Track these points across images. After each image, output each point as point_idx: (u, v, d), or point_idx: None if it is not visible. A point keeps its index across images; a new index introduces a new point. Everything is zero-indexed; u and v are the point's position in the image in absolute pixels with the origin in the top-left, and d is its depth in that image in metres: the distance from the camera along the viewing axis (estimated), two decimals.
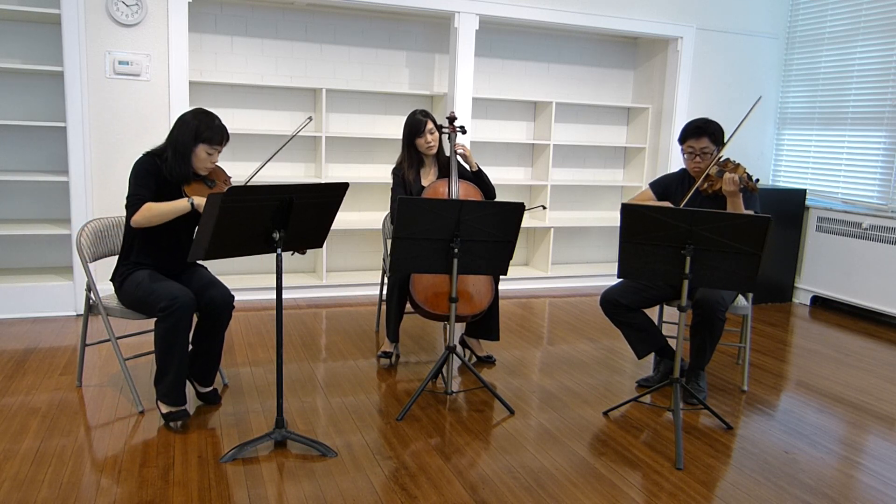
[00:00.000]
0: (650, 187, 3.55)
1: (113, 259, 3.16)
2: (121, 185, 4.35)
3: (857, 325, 5.00)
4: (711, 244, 2.69)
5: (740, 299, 3.47)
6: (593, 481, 2.55)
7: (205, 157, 2.87)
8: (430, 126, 3.64)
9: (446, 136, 3.76)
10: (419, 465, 2.61)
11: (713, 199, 3.33)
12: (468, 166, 3.70)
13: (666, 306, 3.68)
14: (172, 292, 2.74)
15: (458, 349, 3.87)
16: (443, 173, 3.74)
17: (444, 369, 3.26)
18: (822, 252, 5.45)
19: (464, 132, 3.78)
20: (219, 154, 2.92)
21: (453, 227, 2.91)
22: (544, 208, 5.60)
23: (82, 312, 3.21)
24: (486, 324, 3.67)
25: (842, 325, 4.97)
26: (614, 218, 6.03)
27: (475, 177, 3.71)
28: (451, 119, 3.77)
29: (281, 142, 5.15)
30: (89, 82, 4.30)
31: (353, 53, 5.29)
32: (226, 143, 2.92)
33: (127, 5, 4.32)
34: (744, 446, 2.90)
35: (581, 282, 5.85)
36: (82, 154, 4.26)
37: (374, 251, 5.56)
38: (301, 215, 2.57)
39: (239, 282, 4.98)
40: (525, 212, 2.93)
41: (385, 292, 3.67)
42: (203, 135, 2.83)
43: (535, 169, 5.92)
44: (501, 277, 4.63)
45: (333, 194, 2.64)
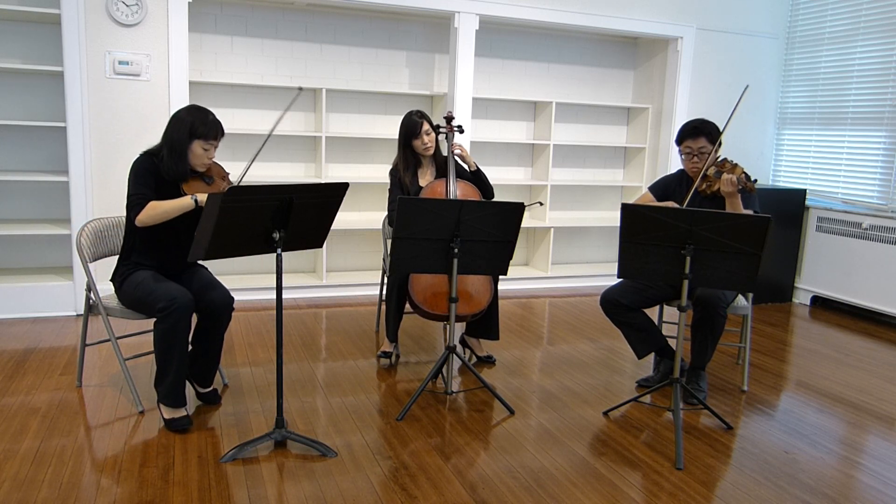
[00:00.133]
0: (650, 190, 3.55)
1: (113, 259, 3.16)
2: (121, 185, 4.35)
3: (857, 325, 5.00)
4: (711, 244, 2.69)
5: (740, 299, 3.47)
6: (593, 481, 2.55)
7: (201, 153, 2.87)
8: (426, 127, 3.64)
9: (444, 137, 3.76)
10: (419, 465, 2.61)
11: (712, 199, 3.33)
12: (466, 166, 3.70)
13: (666, 306, 3.68)
14: (171, 293, 2.74)
15: (459, 349, 3.88)
16: (441, 173, 3.73)
17: (444, 369, 3.26)
18: (822, 252, 5.45)
19: (461, 132, 3.77)
20: (215, 149, 2.91)
21: (453, 227, 2.91)
22: (541, 204, 5.59)
23: (82, 312, 3.21)
24: (485, 323, 3.67)
25: (842, 325, 4.97)
26: (614, 218, 6.03)
27: (473, 176, 3.71)
28: (449, 119, 3.76)
29: (278, 142, 5.19)
30: (89, 82, 4.31)
31: (353, 53, 5.29)
32: (221, 137, 2.91)
33: (127, 5, 4.32)
34: (744, 446, 2.90)
35: (581, 282, 5.85)
36: (82, 154, 4.26)
37: (374, 251, 5.56)
38: (301, 215, 2.57)
39: (239, 282, 4.99)
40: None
41: (384, 292, 3.67)
42: (198, 131, 2.83)
43: (535, 169, 5.92)
44: (501, 277, 4.63)
45: (333, 194, 2.64)
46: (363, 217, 5.44)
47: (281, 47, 5.10)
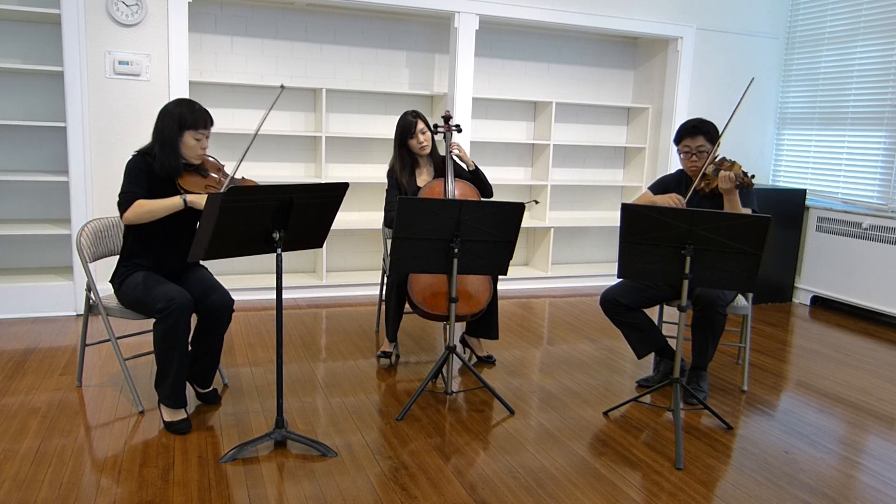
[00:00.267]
0: (650, 190, 3.55)
1: (113, 259, 3.16)
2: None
3: (857, 325, 5.00)
4: (711, 244, 2.69)
5: (740, 299, 3.47)
6: (593, 481, 2.55)
7: (193, 143, 2.86)
8: (421, 126, 3.64)
9: (442, 136, 3.75)
10: (419, 465, 2.61)
11: (711, 198, 3.34)
12: (465, 165, 3.70)
13: (666, 306, 3.68)
14: (170, 294, 2.73)
15: (459, 349, 3.88)
16: (439, 173, 3.73)
17: (444, 369, 3.26)
18: (822, 252, 5.45)
19: (459, 131, 3.77)
20: (207, 139, 2.90)
21: (453, 227, 2.91)
22: (536, 202, 5.58)
23: (82, 312, 3.21)
24: (485, 323, 3.67)
25: (842, 325, 4.97)
26: (614, 218, 6.03)
27: (472, 176, 3.70)
28: (447, 118, 3.76)
29: (278, 142, 5.19)
30: (89, 82, 4.31)
31: (353, 53, 5.29)
32: (211, 125, 2.89)
33: (127, 5, 4.32)
34: (744, 446, 2.90)
35: (581, 282, 5.85)
36: (82, 154, 4.26)
37: (374, 251, 5.56)
38: (301, 215, 2.57)
39: (239, 282, 4.99)
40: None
41: (384, 292, 3.66)
42: (187, 121, 2.82)
43: (535, 169, 5.92)
44: (501, 277, 4.63)
45: (333, 194, 2.64)
46: (363, 217, 5.44)
47: (281, 47, 5.10)
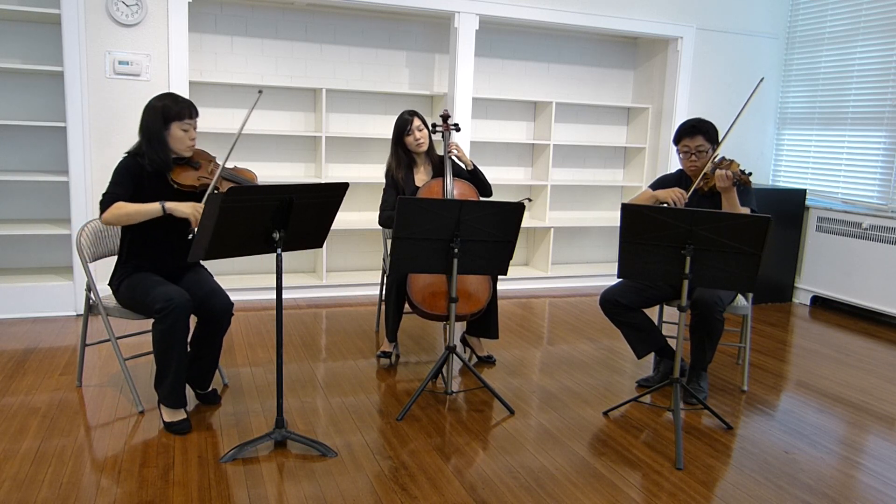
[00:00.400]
0: (650, 188, 3.56)
1: (113, 259, 3.16)
2: None
3: (857, 325, 5.00)
4: (711, 244, 2.69)
5: (740, 299, 3.47)
6: (593, 481, 2.55)
7: (181, 135, 2.85)
8: (417, 123, 3.64)
9: (440, 136, 3.75)
10: (419, 465, 2.61)
11: (710, 197, 3.34)
12: (464, 165, 3.70)
13: (666, 306, 3.68)
14: (168, 294, 2.73)
15: (459, 348, 3.88)
16: (437, 172, 3.73)
17: (444, 369, 3.26)
18: (822, 252, 5.45)
19: (458, 130, 3.77)
20: (195, 130, 2.89)
21: (453, 227, 2.91)
22: (530, 200, 5.57)
23: (82, 312, 3.21)
24: (485, 322, 3.67)
25: (842, 325, 4.97)
26: (614, 218, 6.03)
27: (471, 175, 3.70)
28: (445, 117, 3.76)
29: (278, 142, 5.19)
30: (89, 82, 4.31)
31: (353, 53, 5.29)
32: (196, 116, 2.89)
33: (127, 5, 4.32)
34: (744, 446, 2.90)
35: (581, 282, 5.85)
36: (82, 154, 4.26)
37: (374, 251, 5.56)
38: (301, 215, 2.57)
39: (239, 282, 4.99)
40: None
41: (384, 292, 3.66)
42: (172, 112, 2.82)
43: (535, 169, 5.92)
44: (501, 277, 4.63)
45: (333, 194, 2.64)
46: (363, 217, 5.44)
47: (281, 47, 5.10)
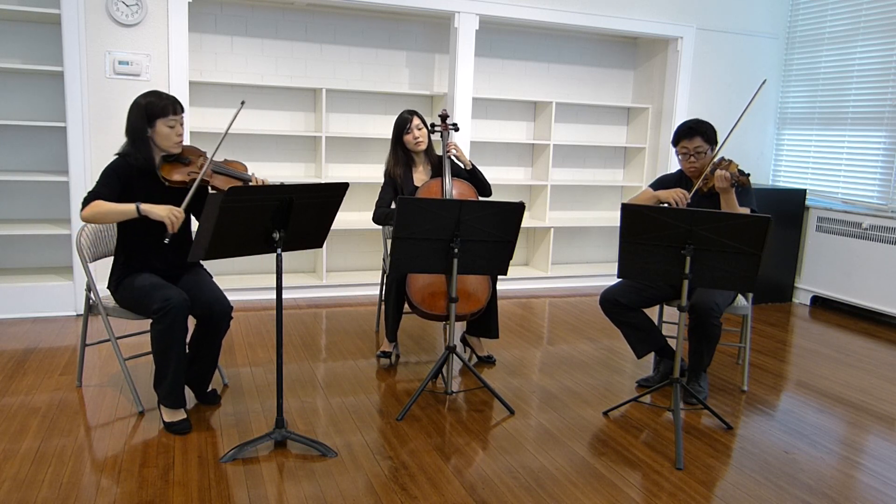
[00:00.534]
0: (650, 188, 3.56)
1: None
2: None
3: (857, 325, 5.00)
4: (711, 244, 2.69)
5: (740, 299, 3.47)
6: (593, 481, 2.55)
7: (167, 131, 2.84)
8: (416, 122, 3.64)
9: (439, 136, 3.75)
10: (419, 465, 2.61)
11: (710, 197, 3.34)
12: (462, 164, 3.70)
13: (666, 306, 3.68)
14: (165, 294, 2.73)
15: (459, 348, 3.88)
16: (436, 172, 3.74)
17: (444, 369, 3.26)
18: (822, 252, 5.45)
19: (456, 129, 3.77)
20: (181, 126, 2.88)
21: (453, 227, 2.91)
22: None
23: (82, 312, 3.21)
24: (484, 322, 3.67)
25: (842, 325, 4.97)
26: (614, 218, 6.03)
27: (470, 175, 3.71)
28: (444, 117, 3.76)
29: (278, 142, 5.19)
30: (89, 82, 4.30)
31: (353, 53, 5.29)
32: (181, 111, 2.87)
33: (127, 5, 4.32)
34: (744, 446, 2.90)
35: (581, 282, 5.85)
36: (82, 154, 4.25)
37: (374, 251, 5.56)
38: (301, 215, 2.57)
39: (239, 282, 4.99)
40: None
41: (384, 292, 3.66)
42: (155, 109, 2.80)
43: (535, 169, 5.92)
44: (500, 277, 4.63)
45: (333, 194, 2.64)
46: (363, 217, 5.43)
47: (281, 47, 5.10)
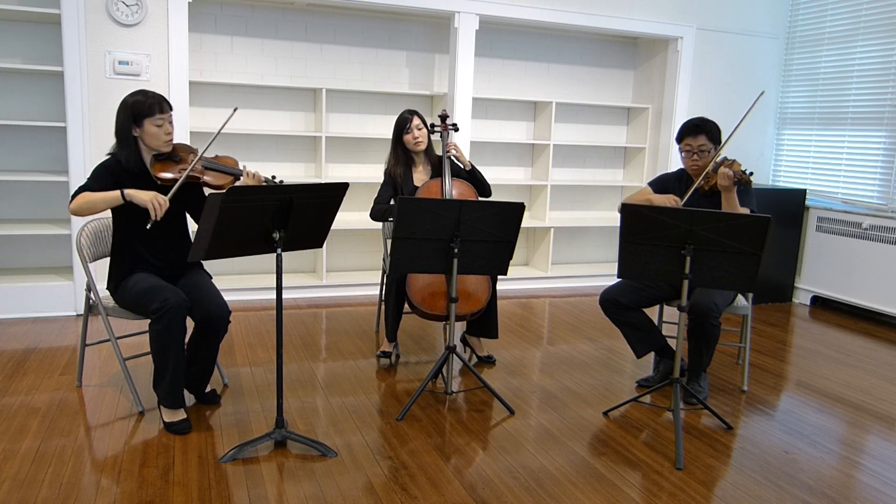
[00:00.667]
0: (649, 186, 3.56)
1: None
2: None
3: (857, 325, 5.00)
4: (711, 244, 2.69)
5: (740, 299, 3.47)
6: (593, 481, 2.55)
7: (155, 131, 2.83)
8: (416, 122, 3.65)
9: (439, 136, 3.75)
10: (419, 465, 2.61)
11: (710, 196, 3.34)
12: (462, 165, 3.70)
13: (666, 306, 3.68)
14: (163, 294, 2.72)
15: (459, 348, 3.88)
16: (436, 172, 3.74)
17: (444, 369, 3.26)
18: (822, 252, 5.45)
19: (456, 130, 3.77)
20: (170, 124, 2.87)
21: (453, 227, 2.91)
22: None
23: (82, 312, 3.21)
24: (485, 322, 3.67)
25: (842, 325, 4.97)
26: (614, 218, 6.02)
27: (469, 175, 3.71)
28: (444, 117, 3.76)
29: (278, 142, 5.19)
30: (89, 82, 4.30)
31: (353, 53, 5.29)
32: (169, 110, 2.86)
33: (127, 5, 4.32)
34: (744, 446, 2.90)
35: (581, 282, 5.85)
36: (82, 154, 4.25)
37: (374, 251, 5.56)
38: (301, 215, 2.57)
39: (239, 282, 4.98)
40: None
41: (384, 292, 3.66)
42: (143, 108, 2.80)
43: (535, 169, 5.92)
44: (500, 277, 4.63)
45: (333, 194, 2.64)
46: (363, 217, 5.43)
47: (281, 47, 5.10)
